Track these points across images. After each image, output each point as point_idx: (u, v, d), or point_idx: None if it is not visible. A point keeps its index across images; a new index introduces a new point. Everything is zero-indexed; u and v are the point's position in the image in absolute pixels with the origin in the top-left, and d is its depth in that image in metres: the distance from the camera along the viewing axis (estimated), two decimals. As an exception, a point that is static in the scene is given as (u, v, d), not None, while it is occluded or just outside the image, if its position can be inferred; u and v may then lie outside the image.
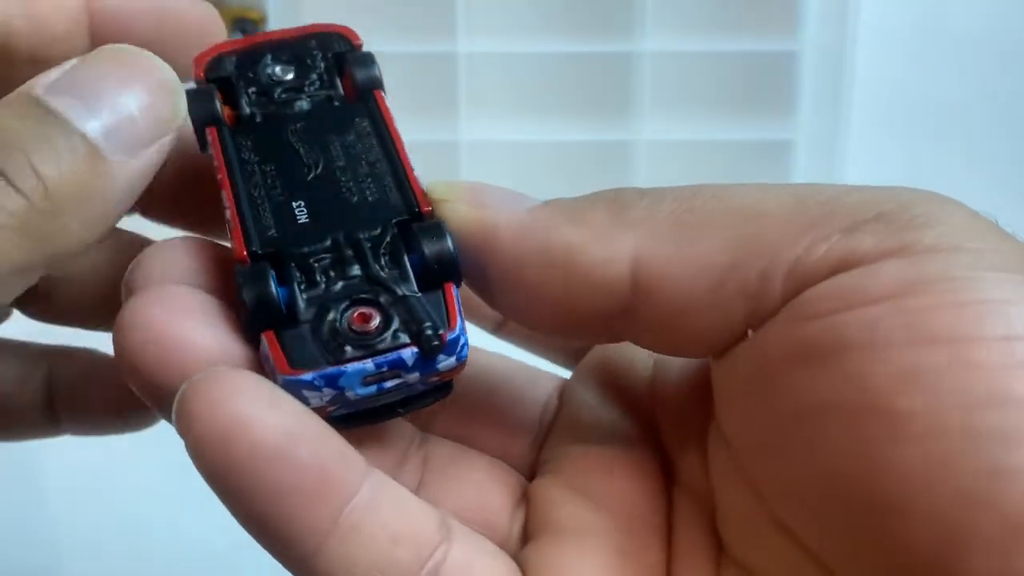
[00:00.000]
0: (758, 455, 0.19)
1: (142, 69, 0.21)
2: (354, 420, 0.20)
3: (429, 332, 0.19)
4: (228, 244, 0.21)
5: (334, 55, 0.23)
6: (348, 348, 0.19)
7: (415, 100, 0.69)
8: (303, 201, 0.20)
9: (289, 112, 0.22)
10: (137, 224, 0.28)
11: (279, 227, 0.20)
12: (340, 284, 0.19)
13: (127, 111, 0.20)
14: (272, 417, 0.18)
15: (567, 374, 0.27)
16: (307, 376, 0.18)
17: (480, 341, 0.25)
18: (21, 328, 0.30)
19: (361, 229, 0.20)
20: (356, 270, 0.19)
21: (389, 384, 0.19)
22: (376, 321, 0.19)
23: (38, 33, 0.23)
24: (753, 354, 0.19)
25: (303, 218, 0.20)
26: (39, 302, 0.28)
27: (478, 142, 0.67)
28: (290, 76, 0.23)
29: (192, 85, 0.23)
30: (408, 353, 0.19)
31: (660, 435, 0.24)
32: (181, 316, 0.19)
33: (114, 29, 0.23)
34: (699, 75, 0.68)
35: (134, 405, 0.24)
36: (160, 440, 0.27)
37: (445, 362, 0.19)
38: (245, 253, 0.20)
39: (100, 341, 0.29)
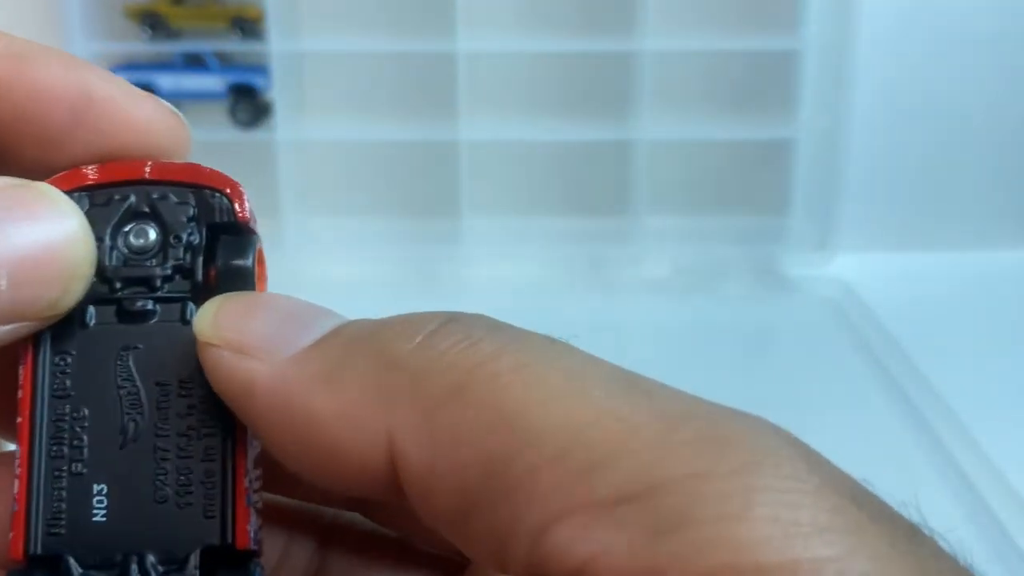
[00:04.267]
0: None
1: (47, 228, 0.17)
2: None
3: None
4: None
5: (209, 226, 0.19)
6: None
7: (415, 100, 0.69)
8: (105, 486, 0.18)
9: (128, 317, 0.19)
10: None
11: (69, 522, 0.18)
12: None
13: None
14: None
15: None
16: None
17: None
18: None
19: (160, 551, 0.18)
20: None
21: None
22: None
23: None
24: None
25: (99, 515, 0.18)
26: None
27: (478, 142, 0.67)
28: (150, 240, 0.19)
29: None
30: None
31: None
32: None
33: (30, 113, 0.18)
34: (700, 74, 0.67)
35: None
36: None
37: None
38: (22, 552, 0.18)
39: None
